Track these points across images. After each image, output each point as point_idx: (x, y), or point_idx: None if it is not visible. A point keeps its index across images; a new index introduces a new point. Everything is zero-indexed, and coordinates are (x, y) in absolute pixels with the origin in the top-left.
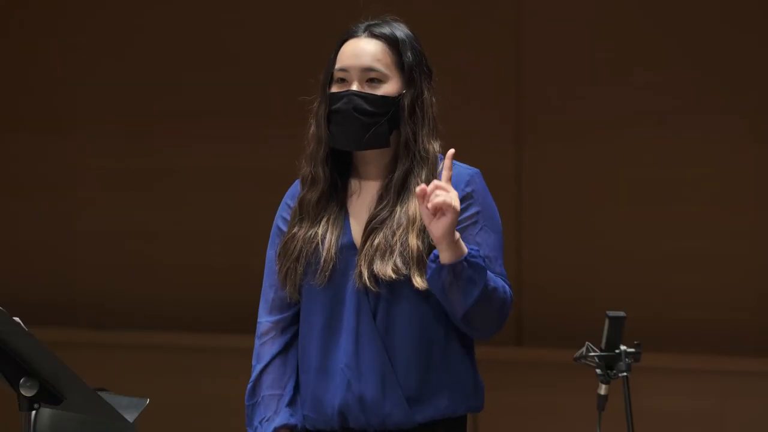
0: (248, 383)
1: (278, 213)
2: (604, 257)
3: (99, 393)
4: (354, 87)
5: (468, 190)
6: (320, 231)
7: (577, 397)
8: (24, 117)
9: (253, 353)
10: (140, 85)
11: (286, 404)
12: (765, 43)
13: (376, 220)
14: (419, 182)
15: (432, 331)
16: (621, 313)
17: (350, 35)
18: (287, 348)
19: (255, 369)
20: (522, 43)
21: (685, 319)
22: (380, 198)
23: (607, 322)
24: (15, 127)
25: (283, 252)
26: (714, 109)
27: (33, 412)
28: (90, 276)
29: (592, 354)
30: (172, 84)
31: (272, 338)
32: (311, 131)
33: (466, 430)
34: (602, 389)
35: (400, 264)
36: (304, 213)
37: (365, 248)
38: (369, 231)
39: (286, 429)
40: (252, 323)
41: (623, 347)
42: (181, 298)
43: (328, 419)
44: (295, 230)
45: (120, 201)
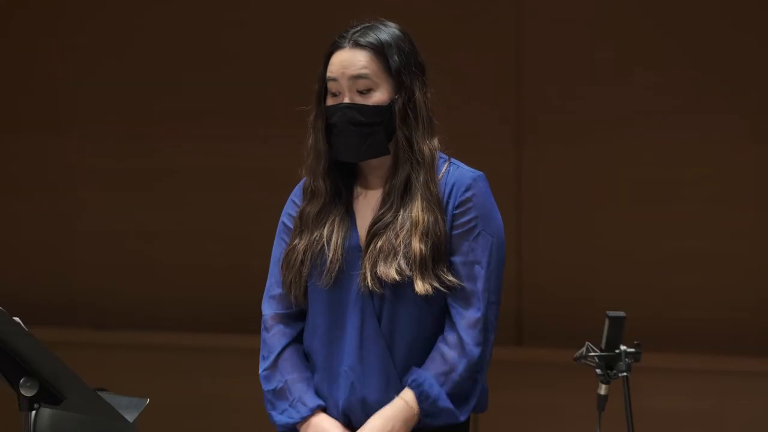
0: (260, 371)
1: (284, 210)
2: (604, 257)
3: (99, 393)
4: (346, 99)
5: (467, 195)
6: (326, 232)
7: (577, 397)
8: (24, 117)
9: (261, 345)
10: (140, 85)
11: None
12: (765, 43)
13: (380, 224)
14: (418, 185)
15: (435, 334)
16: (621, 313)
17: (336, 47)
18: (297, 339)
19: (267, 358)
20: (522, 43)
21: (685, 319)
22: (383, 201)
23: (607, 322)
24: (15, 127)
25: (286, 263)
26: (714, 109)
27: (33, 412)
28: (89, 276)
29: (592, 354)
30: (172, 84)
31: (281, 329)
32: (310, 143)
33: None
34: (602, 389)
35: (404, 266)
36: (304, 226)
37: (369, 251)
38: (372, 234)
39: (320, 409)
40: (252, 323)
41: (623, 347)
42: (181, 298)
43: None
44: (296, 242)
45: (120, 201)
